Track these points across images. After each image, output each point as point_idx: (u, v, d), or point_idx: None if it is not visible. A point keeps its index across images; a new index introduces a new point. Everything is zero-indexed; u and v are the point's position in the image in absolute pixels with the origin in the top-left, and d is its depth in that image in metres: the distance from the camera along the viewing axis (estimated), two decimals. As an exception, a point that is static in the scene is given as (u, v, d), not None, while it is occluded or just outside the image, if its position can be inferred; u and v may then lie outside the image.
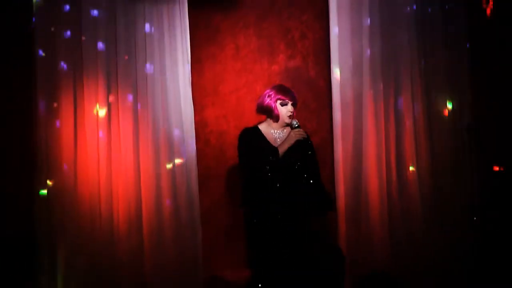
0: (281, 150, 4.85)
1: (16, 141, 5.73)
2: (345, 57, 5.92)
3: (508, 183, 6.04)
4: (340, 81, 5.90)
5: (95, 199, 5.57)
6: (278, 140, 4.98)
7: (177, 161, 5.76)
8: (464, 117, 5.95)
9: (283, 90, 4.94)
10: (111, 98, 5.64)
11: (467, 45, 5.99)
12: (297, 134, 4.87)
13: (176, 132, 5.78)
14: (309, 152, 4.99)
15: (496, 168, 6.12)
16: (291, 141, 4.86)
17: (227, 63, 6.41)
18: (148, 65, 5.71)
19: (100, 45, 5.62)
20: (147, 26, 5.72)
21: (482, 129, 5.98)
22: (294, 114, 5.02)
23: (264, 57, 6.45)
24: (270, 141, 4.95)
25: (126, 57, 5.68)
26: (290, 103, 4.92)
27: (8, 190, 5.71)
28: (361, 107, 5.89)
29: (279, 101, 4.90)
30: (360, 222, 5.89)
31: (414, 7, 5.94)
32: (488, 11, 6.06)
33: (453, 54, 5.97)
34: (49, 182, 5.52)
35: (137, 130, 5.69)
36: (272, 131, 4.97)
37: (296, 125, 4.94)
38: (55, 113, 5.55)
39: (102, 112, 5.61)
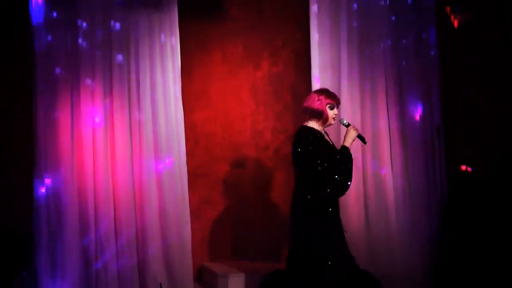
0: (349, 147, 5.16)
1: (17, 140, 5.94)
2: (324, 63, 6.20)
3: (475, 184, 6.37)
4: (320, 85, 6.11)
5: (91, 197, 5.71)
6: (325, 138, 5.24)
7: (168, 160, 5.93)
8: (434, 118, 6.25)
9: (331, 95, 5.21)
10: (106, 102, 5.79)
11: (437, 52, 6.30)
12: (356, 131, 5.18)
13: (167, 134, 5.94)
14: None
15: (463, 168, 6.43)
16: (354, 136, 5.16)
17: (215, 69, 6.72)
18: (141, 71, 5.89)
19: (95, 51, 5.76)
20: (140, 33, 5.89)
21: (450, 130, 6.32)
22: None
23: (249, 64, 6.79)
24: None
25: (120, 63, 5.83)
26: (335, 106, 5.23)
27: (8, 188, 5.92)
28: (339, 110, 6.19)
29: (328, 105, 5.15)
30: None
31: (393, 17, 6.24)
32: (456, 24, 6.38)
33: (424, 60, 6.29)
34: (48, 182, 5.64)
35: (130, 131, 5.85)
36: (320, 130, 5.20)
37: (347, 123, 5.25)
38: (54, 114, 5.66)
39: (98, 114, 5.76)
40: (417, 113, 6.27)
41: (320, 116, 5.15)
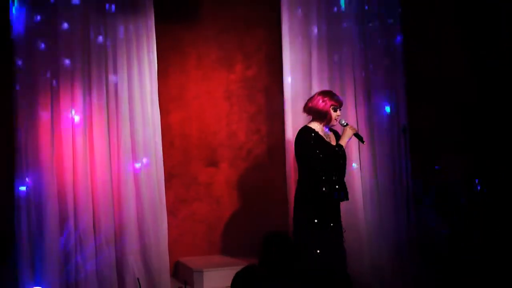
0: (344, 145, 5.36)
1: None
2: (295, 65, 6.36)
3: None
4: (291, 87, 6.35)
5: (71, 196, 5.81)
6: (326, 138, 5.39)
7: (145, 160, 6.04)
8: (400, 119, 6.43)
9: (335, 97, 5.39)
10: (85, 105, 5.88)
11: (402, 55, 6.51)
12: (352, 130, 5.39)
13: (144, 135, 6.04)
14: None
15: None
16: (350, 135, 5.36)
17: (190, 71, 6.86)
18: (119, 74, 5.99)
19: (74, 55, 5.84)
20: (117, 38, 5.99)
21: (415, 130, 6.51)
22: None
23: (223, 67, 6.93)
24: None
25: (98, 67, 5.92)
26: (339, 108, 5.40)
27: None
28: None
29: (332, 106, 5.33)
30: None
31: (357, 22, 6.42)
32: None
33: (391, 62, 6.49)
34: (28, 181, 5.72)
35: (108, 132, 5.95)
36: (320, 131, 5.37)
37: (345, 123, 5.44)
38: (34, 115, 5.74)
39: (77, 117, 5.85)
40: (384, 114, 6.44)
41: (324, 117, 5.32)
